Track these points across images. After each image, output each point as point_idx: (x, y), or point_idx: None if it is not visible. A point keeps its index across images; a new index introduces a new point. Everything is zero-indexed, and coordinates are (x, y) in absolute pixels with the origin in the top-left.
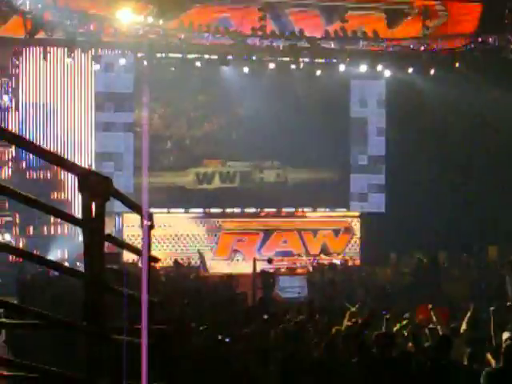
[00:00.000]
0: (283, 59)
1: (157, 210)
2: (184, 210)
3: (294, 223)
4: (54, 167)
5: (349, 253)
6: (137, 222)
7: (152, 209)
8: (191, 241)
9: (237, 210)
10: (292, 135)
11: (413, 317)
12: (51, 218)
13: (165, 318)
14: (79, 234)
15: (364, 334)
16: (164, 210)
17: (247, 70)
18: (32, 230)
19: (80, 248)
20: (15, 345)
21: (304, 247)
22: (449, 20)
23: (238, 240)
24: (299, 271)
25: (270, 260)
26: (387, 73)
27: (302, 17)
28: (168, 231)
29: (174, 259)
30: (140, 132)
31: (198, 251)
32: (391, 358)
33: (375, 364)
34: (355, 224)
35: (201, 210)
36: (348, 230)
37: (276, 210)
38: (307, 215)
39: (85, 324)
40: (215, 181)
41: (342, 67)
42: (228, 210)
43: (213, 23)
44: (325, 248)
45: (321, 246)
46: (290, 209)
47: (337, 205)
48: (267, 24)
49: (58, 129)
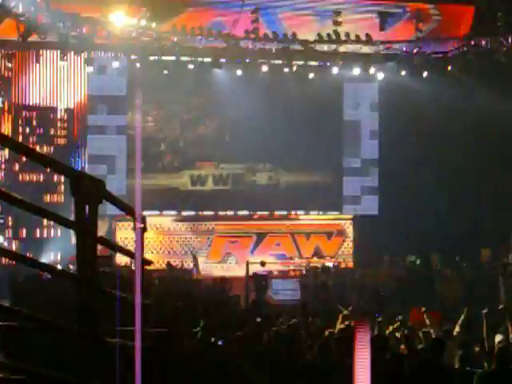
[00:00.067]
0: (276, 62)
1: (149, 213)
2: (176, 213)
3: (287, 226)
4: (47, 170)
5: (342, 255)
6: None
7: (145, 211)
8: (184, 243)
9: (230, 213)
10: (285, 138)
11: (405, 319)
12: (44, 221)
13: (158, 321)
14: (72, 237)
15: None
16: (156, 213)
17: (240, 73)
18: (25, 233)
19: (73, 251)
20: (7, 347)
21: (297, 250)
22: (441, 23)
23: (231, 243)
24: (292, 274)
25: (263, 263)
26: (380, 76)
27: (295, 19)
28: (161, 233)
29: (167, 262)
30: (133, 135)
31: (192, 253)
32: (384, 361)
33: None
34: (348, 227)
35: (193, 213)
36: (341, 233)
37: (269, 213)
38: (300, 218)
39: (77, 326)
40: (209, 183)
41: (335, 70)
42: (221, 213)
43: (206, 26)
44: (318, 251)
45: (314, 249)
46: (283, 212)
47: (330, 208)
48: (260, 27)
49: (51, 131)
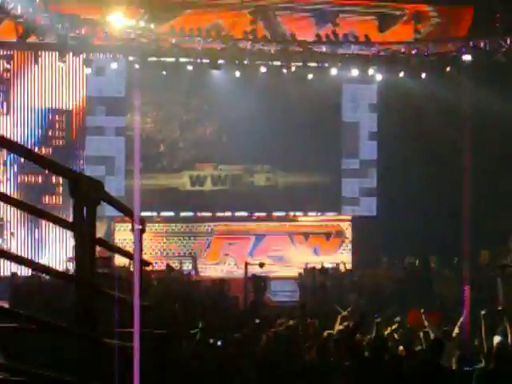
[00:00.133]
0: (275, 63)
1: (148, 214)
2: (175, 214)
3: (286, 227)
4: (46, 171)
5: (340, 256)
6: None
7: (143, 212)
8: (182, 245)
9: (228, 214)
10: (284, 139)
11: (404, 320)
12: (43, 222)
13: (156, 322)
14: (71, 238)
15: (355, 338)
16: (155, 214)
17: (239, 74)
18: (24, 234)
19: (72, 252)
20: (7, 348)
21: (296, 251)
22: (440, 24)
23: (230, 244)
24: (290, 275)
25: (262, 264)
26: (379, 77)
27: (294, 21)
28: (159, 235)
29: (166, 263)
30: (132, 136)
31: (191, 254)
32: (383, 362)
33: (367, 367)
34: (347, 228)
35: (192, 214)
36: (339, 234)
37: (267, 214)
38: (299, 219)
39: (76, 327)
40: (207, 184)
41: (334, 71)
42: (219, 214)
43: (204, 27)
44: (317, 252)
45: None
46: (281, 213)
47: (328, 208)
48: (258, 28)
49: (50, 133)
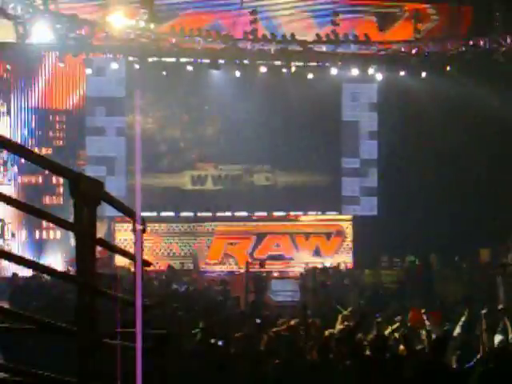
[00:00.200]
0: (275, 63)
1: (149, 214)
2: (176, 214)
3: (286, 227)
4: (46, 172)
5: (341, 256)
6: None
7: (144, 213)
8: (183, 245)
9: (228, 214)
10: (284, 138)
11: (404, 320)
12: (43, 223)
13: (157, 322)
14: (71, 239)
15: (356, 337)
16: (156, 214)
17: (239, 74)
18: (24, 235)
19: (72, 252)
20: (6, 349)
21: (296, 251)
22: (440, 23)
23: (230, 244)
24: (291, 275)
25: (262, 264)
26: (379, 76)
27: (294, 20)
28: (160, 235)
29: (167, 263)
30: (132, 135)
31: (192, 252)
32: (384, 361)
33: (368, 367)
34: (347, 227)
35: (192, 214)
36: (340, 233)
37: (268, 214)
38: (299, 219)
39: (77, 328)
40: (208, 184)
41: (334, 71)
42: (220, 214)
43: (204, 27)
44: (318, 251)
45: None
46: (282, 212)
47: (329, 208)
48: (258, 28)
49: (50, 133)
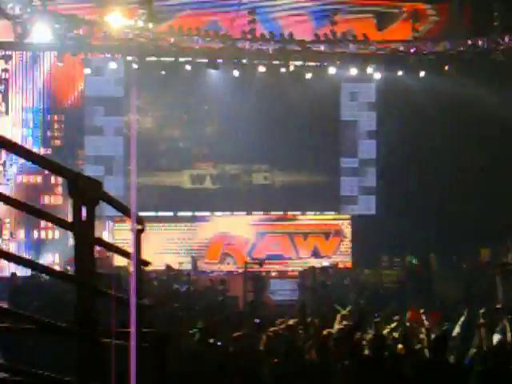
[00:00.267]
0: (273, 62)
1: (147, 214)
2: (174, 214)
3: (285, 226)
4: (45, 171)
5: (340, 255)
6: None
7: (143, 212)
8: (182, 244)
9: (227, 213)
10: (282, 138)
11: (403, 319)
12: (42, 222)
13: (156, 321)
14: (70, 238)
15: (355, 337)
16: (154, 214)
17: (237, 74)
18: (23, 234)
19: (71, 252)
20: (6, 349)
21: (295, 250)
22: (438, 23)
23: (229, 243)
24: (290, 274)
25: (261, 263)
26: (377, 75)
27: (292, 20)
28: (159, 234)
29: (166, 263)
30: (130, 135)
31: (190, 254)
32: (382, 360)
33: (366, 366)
34: (346, 227)
35: (190, 214)
36: (339, 233)
37: (267, 214)
38: (298, 218)
39: (76, 328)
40: (207, 183)
41: (333, 70)
42: (218, 213)
43: (202, 27)
44: (317, 251)
45: (313, 250)
46: (280, 212)
47: (327, 208)
48: (257, 27)
49: (48, 133)
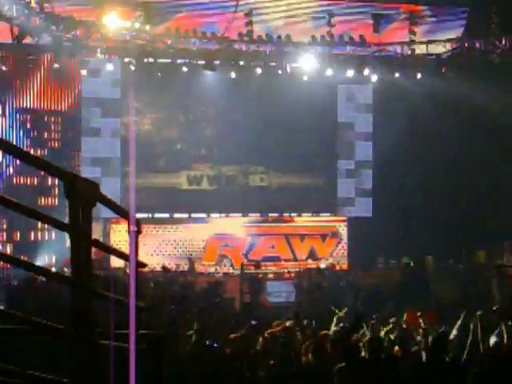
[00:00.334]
0: (270, 64)
1: (144, 215)
2: (170, 215)
3: (282, 228)
4: (42, 173)
5: (336, 257)
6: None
7: (140, 214)
8: (178, 246)
9: (223, 215)
10: (279, 140)
11: (399, 321)
12: (38, 224)
13: (153, 323)
14: (67, 240)
15: (352, 339)
16: (150, 216)
17: (234, 75)
18: (19, 236)
19: (67, 254)
20: (2, 350)
21: (291, 252)
22: (435, 25)
23: (225, 245)
24: (287, 276)
25: (258, 265)
26: (374, 77)
27: (289, 22)
28: (155, 236)
29: (162, 264)
30: (128, 137)
31: (187, 256)
32: (379, 362)
33: (363, 368)
34: (342, 229)
35: (187, 216)
36: (335, 235)
37: (263, 215)
38: (295, 220)
39: (72, 329)
40: (204, 184)
41: (329, 72)
42: (214, 215)
43: (199, 28)
44: (313, 253)
45: (308, 252)
46: (277, 214)
47: (324, 210)
48: (254, 29)
49: (45, 134)
